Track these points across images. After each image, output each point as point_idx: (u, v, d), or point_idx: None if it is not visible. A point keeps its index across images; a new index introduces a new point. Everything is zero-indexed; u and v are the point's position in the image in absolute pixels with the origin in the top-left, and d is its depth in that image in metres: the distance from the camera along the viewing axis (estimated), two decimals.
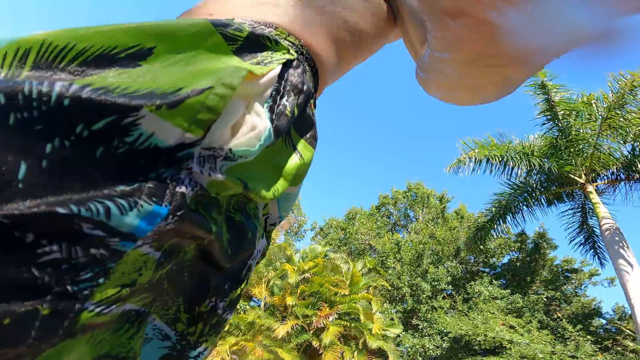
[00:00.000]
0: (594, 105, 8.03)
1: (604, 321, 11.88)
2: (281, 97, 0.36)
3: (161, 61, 0.28)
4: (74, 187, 0.22)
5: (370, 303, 11.07)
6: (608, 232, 8.09)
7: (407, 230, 19.13)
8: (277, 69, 0.35)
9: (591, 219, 9.28)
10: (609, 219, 8.26)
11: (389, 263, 15.59)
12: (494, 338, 8.46)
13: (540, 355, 6.87)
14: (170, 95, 0.26)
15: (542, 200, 9.30)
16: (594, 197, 8.51)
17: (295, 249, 14.75)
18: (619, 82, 7.37)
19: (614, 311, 12.01)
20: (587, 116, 8.19)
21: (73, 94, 0.23)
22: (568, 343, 8.32)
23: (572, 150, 8.34)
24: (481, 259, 13.59)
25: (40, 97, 0.22)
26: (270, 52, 0.36)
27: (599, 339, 10.78)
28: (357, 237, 18.80)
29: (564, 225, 9.64)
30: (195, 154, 0.28)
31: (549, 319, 10.54)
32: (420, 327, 13.69)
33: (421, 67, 0.43)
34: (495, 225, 9.71)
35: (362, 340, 10.53)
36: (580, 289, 12.89)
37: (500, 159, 8.70)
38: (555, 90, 8.12)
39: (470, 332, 9.45)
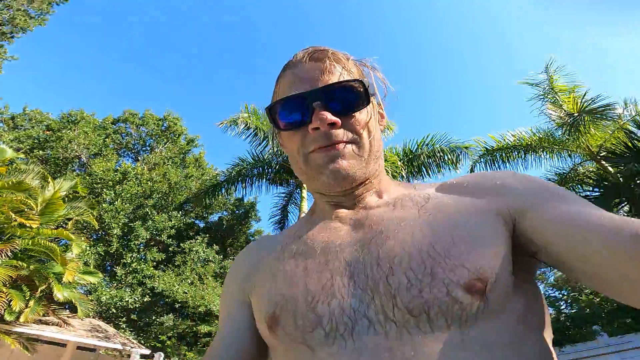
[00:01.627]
0: None
1: None
2: None
3: None
4: None
5: (65, 243, 9.04)
6: None
7: (138, 159, 16.52)
8: None
9: (291, 205, 11.35)
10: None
11: (105, 194, 12.89)
12: (206, 306, 8.90)
13: None
14: None
15: (271, 178, 10.42)
16: (304, 193, 10.62)
17: None
18: None
19: None
20: None
21: None
22: None
23: None
24: (199, 212, 13.84)
25: None
26: None
27: None
28: (70, 146, 14.50)
29: (274, 204, 11.43)
30: None
31: None
32: (121, 276, 12.39)
33: None
34: (228, 187, 10.21)
35: (44, 286, 8.39)
36: None
37: (263, 133, 9.09)
38: None
39: (179, 291, 9.56)
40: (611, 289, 0.40)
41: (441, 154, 9.16)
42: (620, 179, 7.88)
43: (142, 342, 10.70)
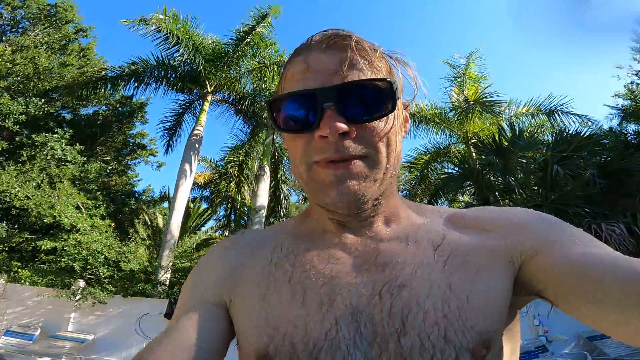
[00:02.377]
0: None
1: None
2: None
3: None
4: None
5: None
6: (195, 137, 9.37)
7: (2, 39, 12.10)
8: None
9: (188, 114, 10.27)
10: (202, 126, 9.54)
11: None
12: (55, 217, 7.10)
13: (98, 247, 6.79)
14: None
15: (174, 84, 9.58)
16: (206, 106, 9.44)
17: None
18: None
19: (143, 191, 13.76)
20: None
21: None
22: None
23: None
24: (68, 102, 10.81)
25: None
26: None
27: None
28: None
29: (169, 109, 10.27)
30: None
31: (98, 193, 10.36)
32: None
33: None
34: (116, 84, 9.30)
35: None
36: (133, 162, 13.67)
37: (177, 38, 8.56)
38: None
39: (19, 194, 7.27)
40: (617, 329, 0.39)
41: None
42: (478, 165, 10.11)
43: None
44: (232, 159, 9.34)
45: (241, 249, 0.55)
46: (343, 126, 0.43)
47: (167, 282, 7.53)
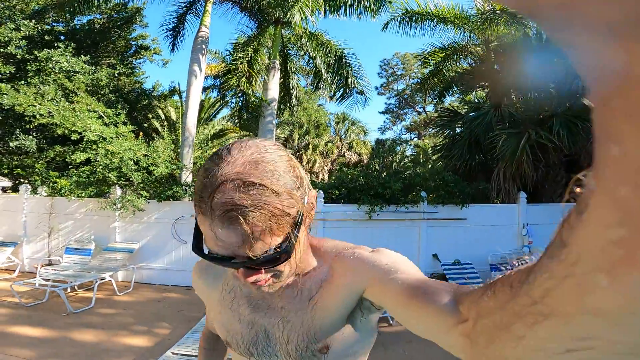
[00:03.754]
0: None
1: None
2: None
3: None
4: None
5: None
6: (201, 38, 8.93)
7: None
8: None
9: (190, 15, 9.61)
10: (207, 27, 9.02)
11: None
12: (80, 133, 7.26)
13: (128, 154, 6.94)
14: None
15: None
16: (209, 6, 8.75)
17: None
18: None
19: (153, 87, 13.66)
20: None
21: None
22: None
23: None
24: (58, 15, 9.90)
25: None
26: None
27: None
28: None
29: (169, 11, 9.49)
30: None
31: (112, 96, 10.23)
32: None
33: None
34: None
35: None
36: (138, 61, 13.32)
37: None
38: None
39: (41, 111, 7.40)
40: (412, 328, 0.60)
41: None
42: (495, 66, 9.72)
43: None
44: (240, 55, 8.99)
45: (205, 277, 0.89)
46: (253, 278, 0.63)
47: (191, 182, 7.82)
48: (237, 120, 10.14)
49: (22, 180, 8.83)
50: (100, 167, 6.94)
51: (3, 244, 7.29)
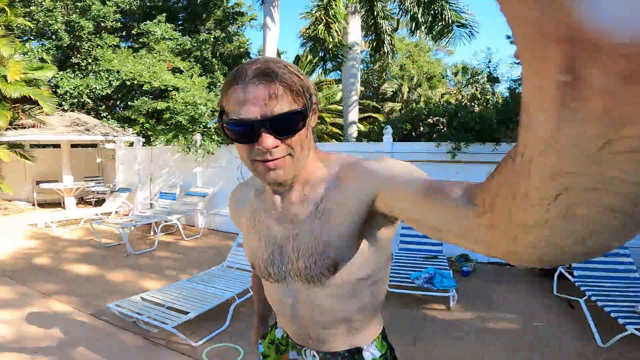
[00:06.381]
0: None
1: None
2: None
3: None
4: None
5: None
6: None
7: None
8: None
9: None
10: None
11: None
12: (161, 83, 8.22)
13: (199, 100, 7.40)
14: None
15: None
16: None
17: None
18: None
19: (258, 52, 14.62)
20: None
21: None
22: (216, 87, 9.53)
23: None
24: None
25: None
26: None
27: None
28: None
29: None
30: None
31: (214, 60, 11.21)
32: (82, 65, 11.69)
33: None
34: None
35: None
36: (241, 30, 14.53)
37: None
38: None
39: (137, 75, 8.73)
40: (432, 233, 0.55)
41: None
42: None
43: (123, 128, 10.78)
44: (317, 2, 8.55)
45: (236, 203, 0.97)
46: (273, 142, 0.68)
47: None
48: (321, 70, 9.77)
49: (138, 134, 10.47)
50: (177, 114, 7.44)
51: (122, 190, 8.73)
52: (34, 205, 10.34)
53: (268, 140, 0.67)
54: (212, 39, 11.54)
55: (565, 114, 0.21)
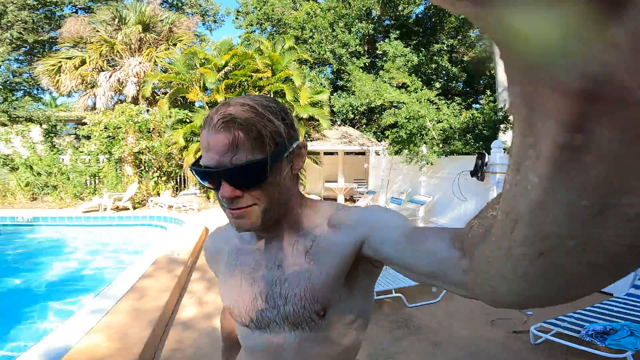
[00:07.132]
0: None
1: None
2: None
3: None
4: None
5: (291, 79, 11.07)
6: None
7: None
8: None
9: None
10: None
11: (305, 35, 15.10)
12: (384, 100, 9.04)
13: (423, 113, 7.75)
14: None
15: None
16: None
17: (212, 41, 13.64)
18: None
19: None
20: None
21: None
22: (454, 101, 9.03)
23: None
24: (392, 14, 12.89)
25: None
26: None
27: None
28: (274, 10, 17.23)
29: None
30: None
31: (453, 68, 11.07)
32: (349, 87, 14.19)
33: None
34: None
35: (294, 114, 11.50)
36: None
37: None
38: None
39: (371, 96, 9.94)
40: (410, 275, 0.61)
41: None
42: None
43: (377, 138, 12.86)
44: None
45: (217, 242, 0.92)
46: (233, 193, 0.66)
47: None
48: None
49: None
50: (403, 128, 8.30)
51: (369, 192, 10.78)
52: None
53: (227, 190, 0.66)
54: (446, 48, 11.55)
55: (562, 179, 0.18)
